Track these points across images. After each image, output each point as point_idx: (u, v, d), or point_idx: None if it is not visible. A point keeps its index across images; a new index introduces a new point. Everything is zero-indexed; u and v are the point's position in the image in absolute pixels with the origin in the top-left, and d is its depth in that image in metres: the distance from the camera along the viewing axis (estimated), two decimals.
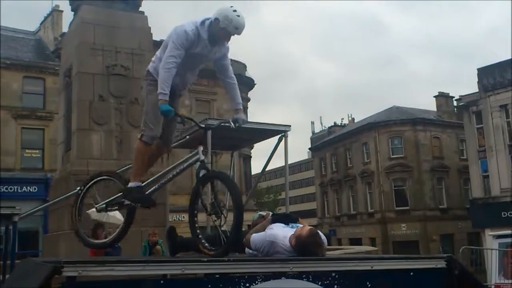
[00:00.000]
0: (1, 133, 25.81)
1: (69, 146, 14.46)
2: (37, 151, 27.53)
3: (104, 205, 4.30)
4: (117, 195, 4.25)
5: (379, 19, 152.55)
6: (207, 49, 4.31)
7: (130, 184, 4.21)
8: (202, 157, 4.17)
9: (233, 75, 4.55)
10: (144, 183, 4.28)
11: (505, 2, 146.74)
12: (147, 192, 4.28)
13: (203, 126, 4.58)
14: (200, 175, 4.13)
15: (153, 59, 4.43)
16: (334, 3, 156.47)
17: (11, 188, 25.06)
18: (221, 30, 4.21)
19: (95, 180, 4.44)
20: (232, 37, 4.32)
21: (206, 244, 3.93)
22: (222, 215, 4.00)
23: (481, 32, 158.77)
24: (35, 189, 25.69)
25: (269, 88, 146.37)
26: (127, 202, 4.19)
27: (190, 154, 4.33)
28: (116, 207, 4.28)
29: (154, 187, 4.34)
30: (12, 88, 26.78)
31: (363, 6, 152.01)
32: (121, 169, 4.85)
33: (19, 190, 25.29)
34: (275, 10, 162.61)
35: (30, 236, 21.93)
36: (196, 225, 4.03)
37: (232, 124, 4.37)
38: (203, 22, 4.25)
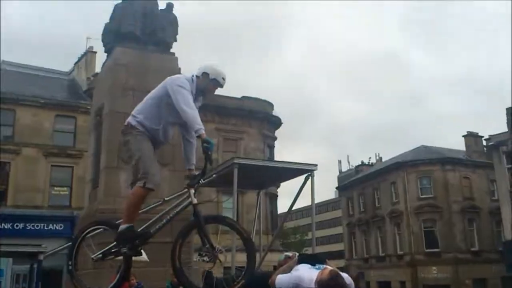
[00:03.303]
0: (31, 171, 26.37)
1: (97, 184, 14.67)
2: (65, 188, 27.91)
3: (101, 255, 4.31)
4: (113, 244, 4.26)
5: (401, 56, 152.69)
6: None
7: (121, 227, 4.20)
8: (195, 201, 4.20)
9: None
10: (140, 229, 4.30)
11: None
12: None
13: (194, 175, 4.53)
14: (194, 218, 4.16)
15: (135, 114, 4.53)
16: (355, 41, 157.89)
17: (37, 226, 25.33)
18: (211, 82, 4.55)
19: (89, 230, 4.47)
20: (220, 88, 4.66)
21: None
22: (217, 258, 4.09)
23: (507, 70, 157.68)
24: (61, 226, 25.88)
25: (295, 126, 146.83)
26: (124, 249, 4.18)
27: (183, 197, 4.37)
28: (113, 256, 4.28)
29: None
30: (44, 127, 27.53)
31: (384, 43, 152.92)
32: (147, 208, 4.85)
33: (45, 228, 25.51)
34: (296, 49, 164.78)
35: (53, 275, 21.99)
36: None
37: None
38: (192, 78, 4.52)
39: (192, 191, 4.27)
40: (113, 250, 4.24)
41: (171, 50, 16.21)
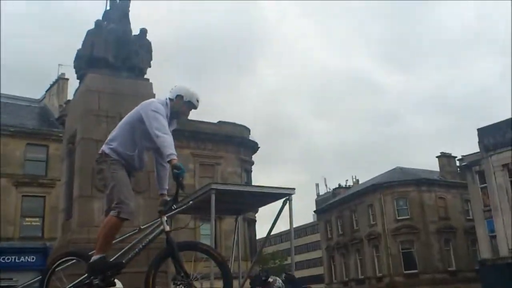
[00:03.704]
0: (1, 202, 25.63)
1: (70, 214, 14.28)
2: (37, 219, 27.20)
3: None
4: (84, 276, 4.10)
5: (374, 76, 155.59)
6: None
7: (93, 258, 4.08)
8: (167, 228, 4.10)
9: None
10: (112, 259, 4.21)
11: (492, 60, 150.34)
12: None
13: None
14: (167, 245, 4.06)
15: (109, 141, 4.45)
16: (327, 62, 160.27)
17: (8, 259, 24.57)
18: (185, 104, 4.53)
19: (60, 261, 4.30)
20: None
21: None
22: (192, 286, 4.02)
23: (475, 91, 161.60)
24: (33, 258, 25.12)
25: (271, 150, 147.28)
26: (96, 281, 4.03)
27: (155, 226, 4.27)
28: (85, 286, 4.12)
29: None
30: (14, 156, 26.90)
31: (356, 62, 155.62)
32: (122, 237, 4.67)
33: (17, 260, 24.77)
34: (271, 70, 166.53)
35: None
36: None
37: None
38: (166, 102, 4.48)
39: (164, 218, 4.18)
40: (85, 282, 4.08)
41: (145, 76, 16.09)
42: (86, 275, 4.09)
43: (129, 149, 4.38)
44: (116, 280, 4.26)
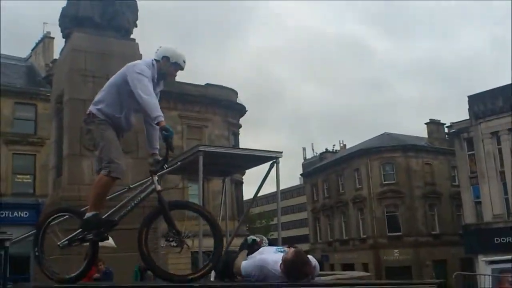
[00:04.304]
0: None
1: (60, 172, 14.44)
2: (28, 176, 27.37)
3: (67, 242, 4.30)
4: (78, 231, 4.25)
5: (363, 43, 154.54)
6: (153, 90, 4.47)
7: (87, 215, 4.21)
8: (159, 187, 4.22)
9: None
10: (105, 216, 4.31)
11: (479, 28, 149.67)
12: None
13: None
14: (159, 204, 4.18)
15: (96, 102, 4.50)
16: (317, 27, 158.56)
17: (2, 214, 24.85)
18: (172, 65, 4.54)
19: (53, 217, 4.45)
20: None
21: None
22: (184, 243, 4.15)
23: (465, 56, 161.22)
24: (26, 214, 25.47)
25: (259, 113, 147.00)
26: (89, 236, 4.19)
27: (146, 185, 4.41)
28: (79, 242, 4.28)
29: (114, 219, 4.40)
30: (3, 114, 26.77)
31: (347, 29, 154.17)
32: (112, 195, 4.82)
33: (10, 215, 25.08)
34: (261, 34, 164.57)
35: (21, 261, 21.66)
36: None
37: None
38: (152, 63, 4.50)
39: (156, 177, 4.29)
40: (79, 237, 4.24)
41: (131, 36, 15.96)
42: (79, 230, 4.24)
43: (116, 110, 4.44)
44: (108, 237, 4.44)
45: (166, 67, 4.54)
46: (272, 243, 4.88)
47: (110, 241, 4.48)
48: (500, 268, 16.65)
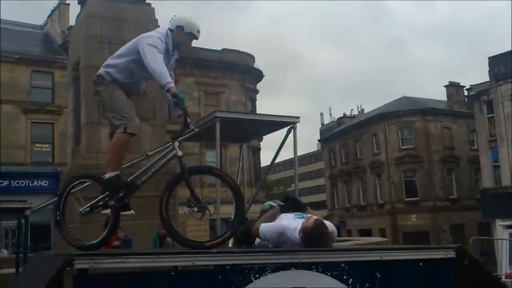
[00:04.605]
0: (11, 128, 26.01)
1: (79, 140, 14.56)
2: (47, 145, 27.65)
3: (89, 208, 4.30)
4: (101, 197, 4.25)
5: (382, 3, 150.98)
6: (168, 60, 4.50)
7: (108, 175, 4.19)
8: (180, 153, 4.22)
9: None
10: (129, 180, 4.31)
11: None
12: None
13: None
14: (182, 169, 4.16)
15: (106, 66, 4.48)
16: None
17: (22, 183, 25.15)
18: (186, 35, 4.54)
19: (75, 183, 4.44)
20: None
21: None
22: (206, 209, 4.15)
23: (487, 18, 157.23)
24: (46, 183, 25.76)
25: (276, 79, 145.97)
26: (111, 202, 4.18)
27: (167, 150, 4.38)
28: (101, 209, 4.28)
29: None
30: (20, 83, 26.92)
31: None
32: (130, 163, 4.81)
33: (30, 184, 25.37)
34: None
35: (41, 230, 22.07)
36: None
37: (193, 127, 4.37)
38: (167, 33, 4.49)
39: (177, 143, 4.28)
40: (100, 203, 4.23)
41: (147, 1, 15.78)
42: (101, 196, 4.24)
43: (127, 76, 4.44)
44: None
45: (180, 36, 4.52)
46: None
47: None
48: None
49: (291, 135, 10.83)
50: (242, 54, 35.22)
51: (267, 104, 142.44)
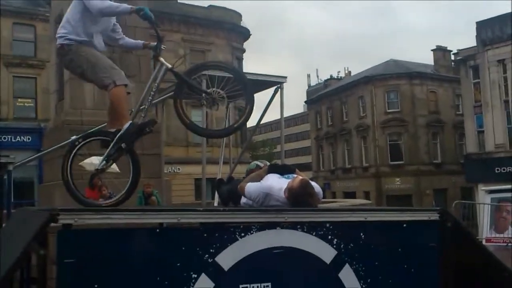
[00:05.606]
0: None
1: (62, 96, 14.32)
2: (29, 100, 27.25)
3: (105, 161, 4.17)
4: (111, 146, 4.15)
5: None
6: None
7: (125, 126, 4.10)
8: (169, 65, 4.23)
9: None
10: (136, 110, 4.33)
11: None
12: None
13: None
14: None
15: (61, 34, 4.32)
16: None
17: (4, 138, 24.88)
18: None
19: (93, 138, 4.33)
20: None
21: None
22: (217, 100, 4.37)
23: None
24: (29, 139, 25.54)
25: (263, 38, 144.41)
26: (124, 145, 4.09)
27: (156, 70, 4.36)
28: (116, 155, 4.19)
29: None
30: (1, 36, 26.23)
31: None
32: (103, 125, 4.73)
33: (13, 140, 25.14)
34: None
35: (25, 186, 21.99)
36: None
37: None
38: None
39: (162, 58, 4.27)
40: (112, 152, 4.13)
41: None
42: (111, 148, 4.12)
43: (83, 35, 4.26)
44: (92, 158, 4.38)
45: None
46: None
47: (114, 167, 4.41)
48: (499, 197, 16.83)
49: (277, 95, 10.77)
50: (228, 11, 34.61)
51: (253, 64, 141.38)
